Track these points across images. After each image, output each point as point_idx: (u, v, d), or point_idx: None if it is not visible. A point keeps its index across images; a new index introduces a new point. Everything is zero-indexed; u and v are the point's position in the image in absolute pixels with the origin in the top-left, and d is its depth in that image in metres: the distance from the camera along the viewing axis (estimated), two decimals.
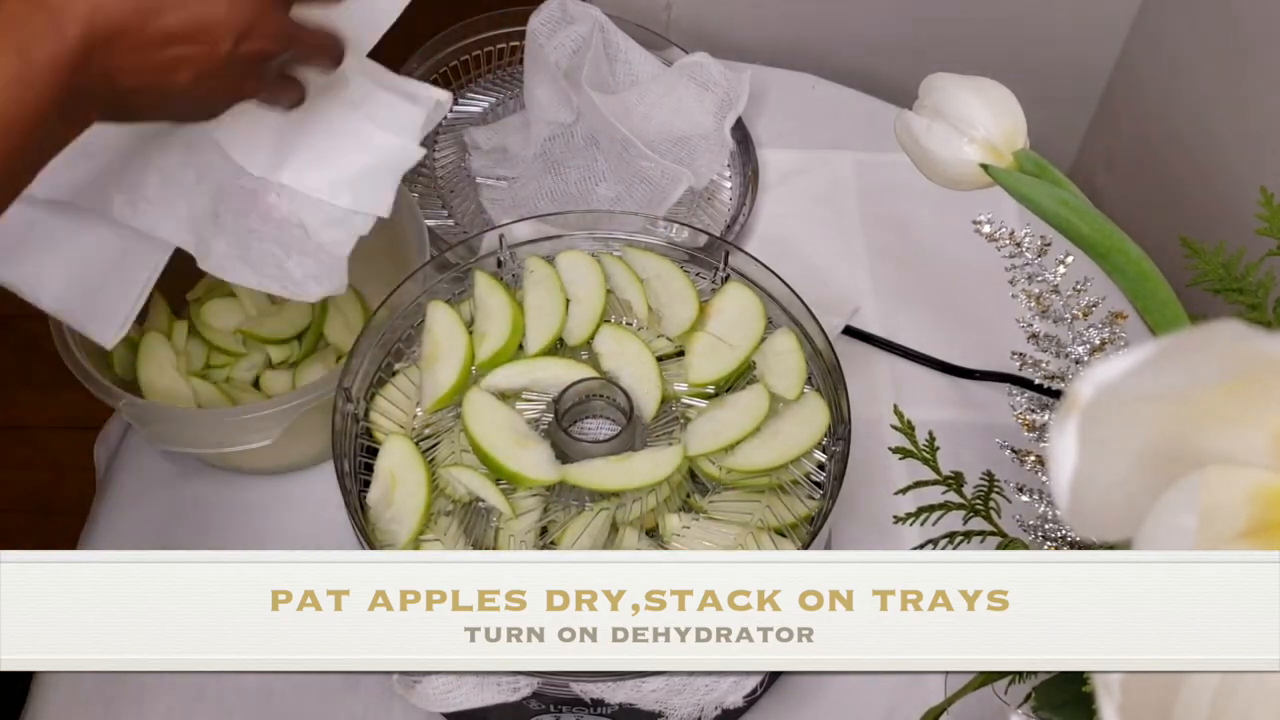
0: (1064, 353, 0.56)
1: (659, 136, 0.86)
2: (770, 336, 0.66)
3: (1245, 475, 0.29)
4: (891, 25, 1.03)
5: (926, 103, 0.49)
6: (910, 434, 0.54)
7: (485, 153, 0.88)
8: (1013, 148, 0.47)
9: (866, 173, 0.91)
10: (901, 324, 0.82)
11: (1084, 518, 0.27)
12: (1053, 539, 0.53)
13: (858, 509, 0.71)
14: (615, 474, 0.60)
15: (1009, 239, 0.56)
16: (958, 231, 0.60)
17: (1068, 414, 0.25)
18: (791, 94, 0.96)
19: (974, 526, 0.52)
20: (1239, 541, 0.29)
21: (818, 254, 0.86)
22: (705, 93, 0.90)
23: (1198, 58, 0.89)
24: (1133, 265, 0.43)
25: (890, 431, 0.55)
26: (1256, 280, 0.51)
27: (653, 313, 0.68)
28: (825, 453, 0.62)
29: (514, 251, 0.68)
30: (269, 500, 0.73)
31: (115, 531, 0.72)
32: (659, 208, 0.83)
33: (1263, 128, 0.81)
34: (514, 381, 0.64)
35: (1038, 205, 0.45)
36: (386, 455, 0.60)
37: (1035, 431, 0.56)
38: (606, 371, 0.64)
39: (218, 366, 0.77)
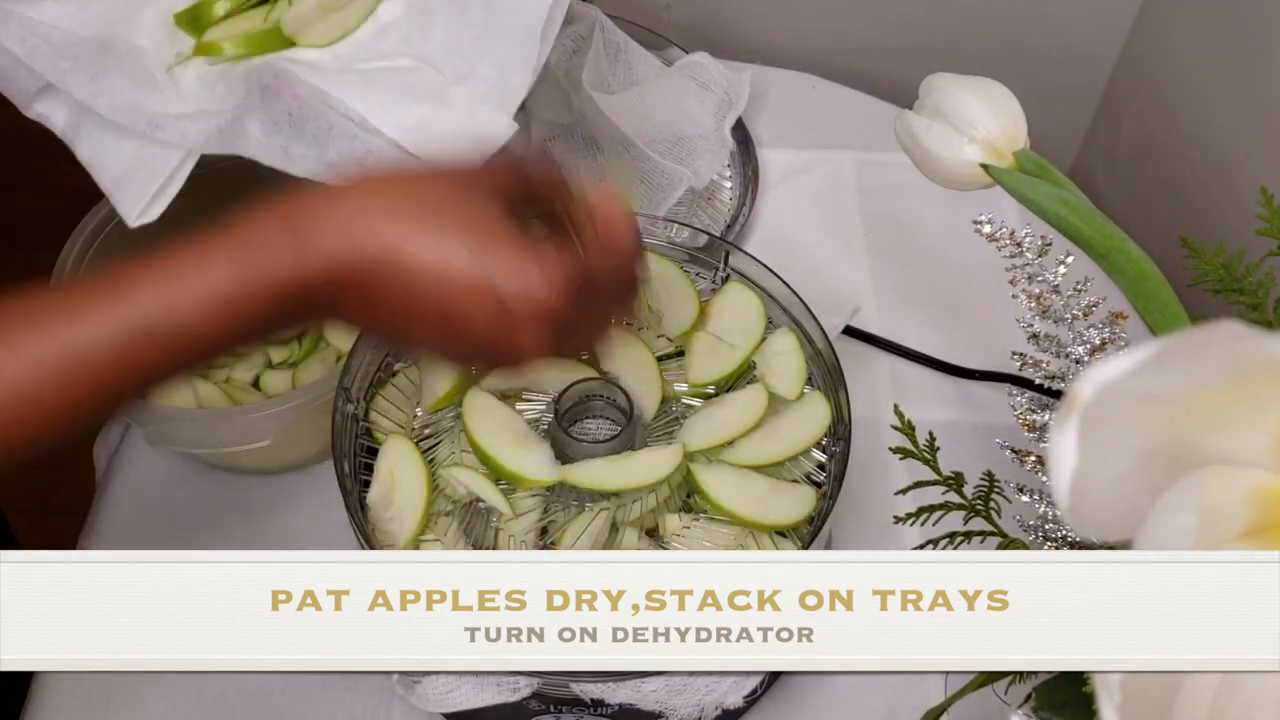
0: (1064, 353, 0.57)
1: (659, 136, 0.86)
2: (770, 336, 0.66)
3: (1245, 475, 0.28)
4: (892, 25, 1.03)
5: (927, 103, 0.49)
6: (910, 434, 0.54)
7: None
8: (1013, 148, 0.47)
9: (866, 173, 0.91)
10: (901, 324, 0.82)
11: (1084, 518, 0.27)
12: (1053, 539, 0.53)
13: (858, 509, 0.71)
14: (615, 474, 0.60)
15: (1009, 239, 0.56)
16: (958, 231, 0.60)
17: (1068, 414, 0.25)
18: (791, 94, 0.96)
19: (974, 527, 0.52)
20: (1239, 541, 0.29)
21: (818, 254, 0.86)
22: (705, 93, 0.90)
23: (1198, 57, 0.89)
24: (1133, 265, 0.43)
25: (890, 431, 0.55)
26: (1256, 280, 0.51)
27: (653, 313, 0.68)
28: (825, 452, 0.62)
29: None
30: (269, 500, 0.73)
31: (115, 531, 0.72)
32: (659, 208, 0.82)
33: (1263, 128, 0.81)
34: (514, 381, 0.64)
35: (1038, 205, 0.45)
36: (386, 456, 0.60)
37: (1035, 431, 0.56)
38: (606, 372, 0.64)
39: (218, 366, 0.77)
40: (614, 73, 0.89)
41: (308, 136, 0.58)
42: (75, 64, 0.59)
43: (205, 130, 0.59)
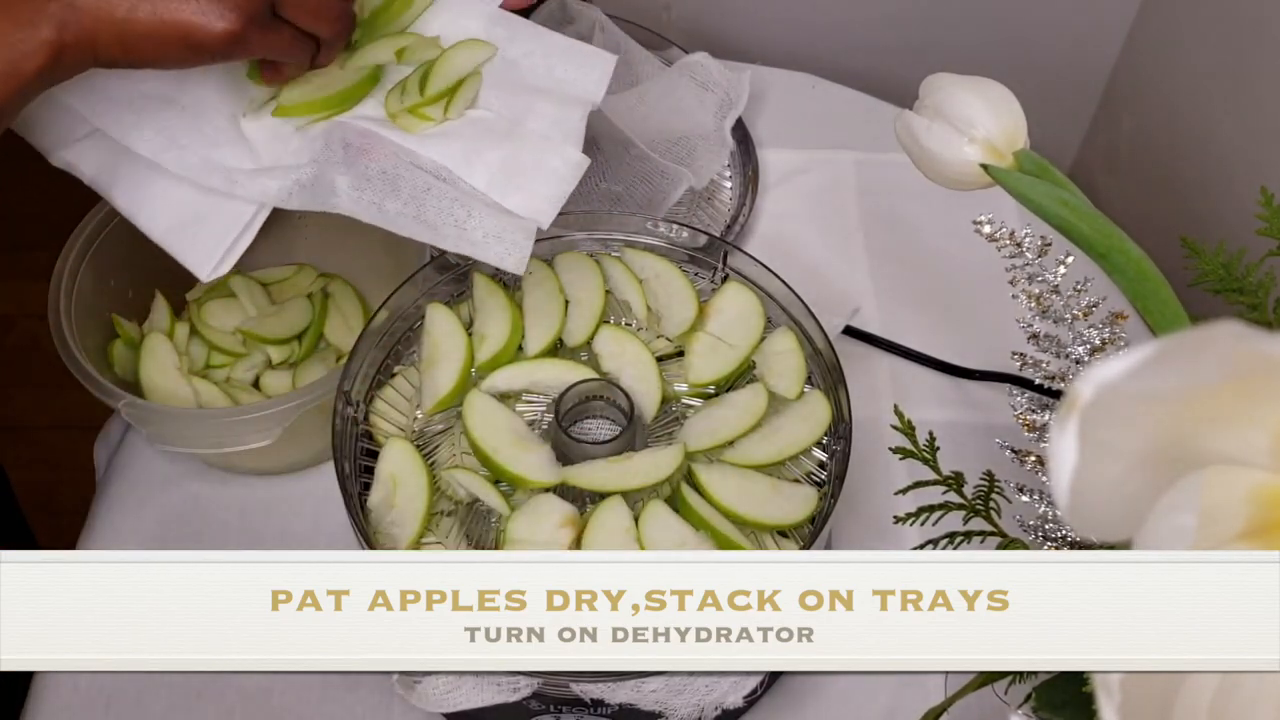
0: (1064, 353, 0.56)
1: (659, 136, 0.86)
2: (770, 336, 0.66)
3: (1245, 475, 0.28)
4: (892, 25, 1.03)
5: (927, 103, 0.49)
6: (910, 434, 0.54)
7: None
8: (1013, 148, 0.47)
9: (866, 173, 0.91)
10: (901, 324, 0.82)
11: (1084, 518, 0.27)
12: (1053, 539, 0.53)
13: (858, 509, 0.71)
14: (616, 475, 0.60)
15: (1009, 239, 0.56)
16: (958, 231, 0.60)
17: (1068, 414, 0.25)
18: (791, 94, 0.96)
19: (974, 526, 0.52)
20: (1239, 541, 0.29)
21: (818, 254, 0.86)
22: (705, 93, 0.90)
23: (1198, 58, 0.89)
24: (1133, 265, 0.43)
25: (890, 431, 0.55)
26: (1256, 280, 0.51)
27: (652, 313, 0.68)
28: (826, 452, 0.62)
29: None
30: (269, 500, 0.73)
31: (115, 531, 0.72)
32: (659, 208, 0.83)
33: (1263, 128, 0.81)
34: (514, 383, 0.64)
35: (1038, 205, 0.45)
36: (387, 459, 0.60)
37: (1035, 431, 0.56)
38: (606, 372, 0.64)
39: (218, 367, 0.77)
40: (614, 73, 0.89)
41: (404, 195, 0.58)
42: (139, 118, 0.59)
43: (284, 185, 0.59)
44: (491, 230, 0.58)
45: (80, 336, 0.68)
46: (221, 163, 0.60)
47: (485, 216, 0.58)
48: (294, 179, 0.59)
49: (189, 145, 0.60)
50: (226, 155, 0.60)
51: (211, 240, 0.60)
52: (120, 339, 0.74)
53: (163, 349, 0.74)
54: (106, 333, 0.74)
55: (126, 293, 0.76)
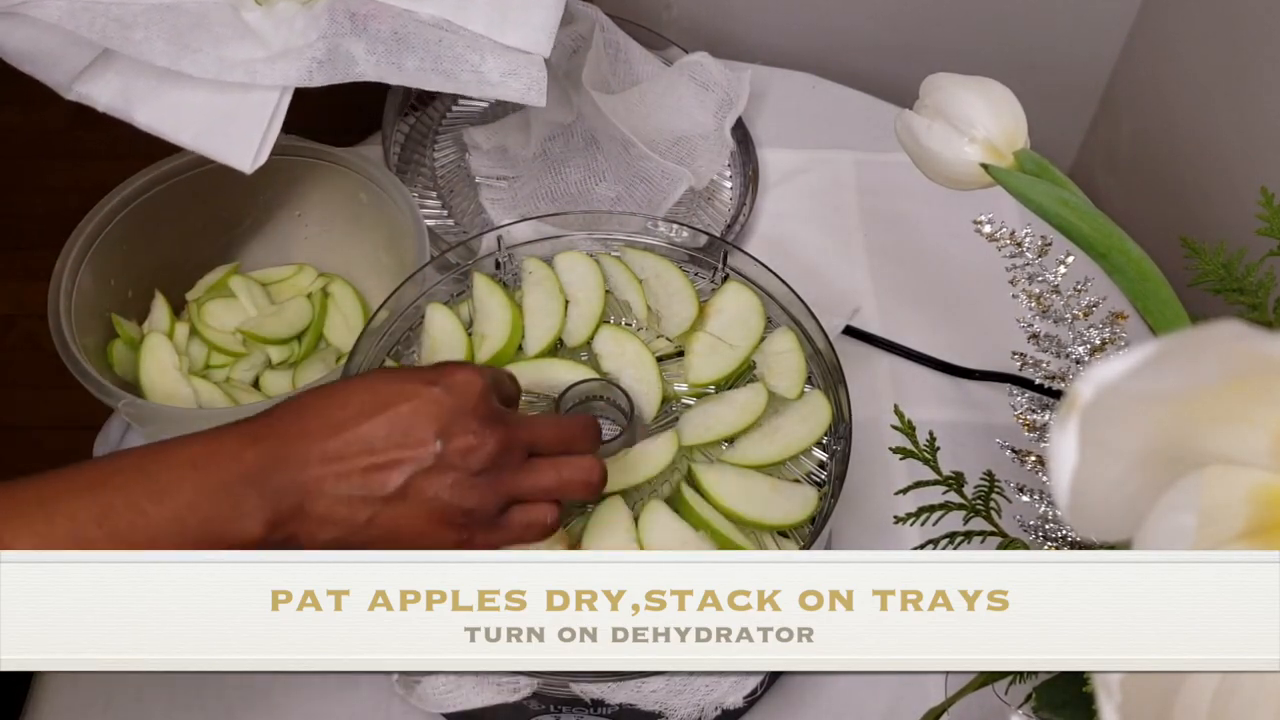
0: (1064, 353, 0.56)
1: (659, 136, 0.87)
2: (770, 336, 0.66)
3: (1245, 475, 0.28)
4: (892, 25, 1.03)
5: (927, 102, 0.49)
6: (911, 434, 0.54)
7: (485, 152, 0.88)
8: (1013, 147, 0.47)
9: (866, 172, 0.91)
10: (901, 324, 0.82)
11: (1084, 518, 0.27)
12: (1053, 539, 0.53)
13: (858, 509, 0.71)
14: (617, 474, 0.60)
15: (1009, 239, 0.56)
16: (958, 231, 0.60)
17: (1068, 414, 0.25)
18: (791, 94, 0.96)
19: (974, 526, 0.52)
20: (1239, 541, 0.29)
21: (818, 254, 0.86)
22: (705, 92, 0.90)
23: (1198, 58, 0.89)
24: (1133, 265, 0.43)
25: (890, 431, 0.55)
26: (1256, 280, 0.51)
27: (652, 313, 0.68)
28: (826, 452, 0.62)
29: (512, 252, 0.68)
30: None
31: None
32: (659, 208, 0.83)
33: (1263, 128, 0.81)
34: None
35: (1038, 205, 0.45)
36: None
37: (1035, 431, 0.56)
38: (606, 372, 0.64)
39: (218, 367, 0.77)
40: (614, 72, 0.89)
41: (418, 50, 0.62)
42: (148, 33, 0.60)
43: (303, 65, 0.62)
44: (507, 68, 0.62)
45: (80, 336, 0.68)
46: (235, 57, 0.61)
47: (498, 56, 0.62)
48: (310, 57, 0.62)
49: (201, 48, 0.61)
50: (238, 49, 0.62)
51: (245, 133, 0.62)
52: (120, 339, 0.74)
53: (162, 349, 0.74)
54: (106, 333, 0.74)
55: (126, 293, 0.76)
